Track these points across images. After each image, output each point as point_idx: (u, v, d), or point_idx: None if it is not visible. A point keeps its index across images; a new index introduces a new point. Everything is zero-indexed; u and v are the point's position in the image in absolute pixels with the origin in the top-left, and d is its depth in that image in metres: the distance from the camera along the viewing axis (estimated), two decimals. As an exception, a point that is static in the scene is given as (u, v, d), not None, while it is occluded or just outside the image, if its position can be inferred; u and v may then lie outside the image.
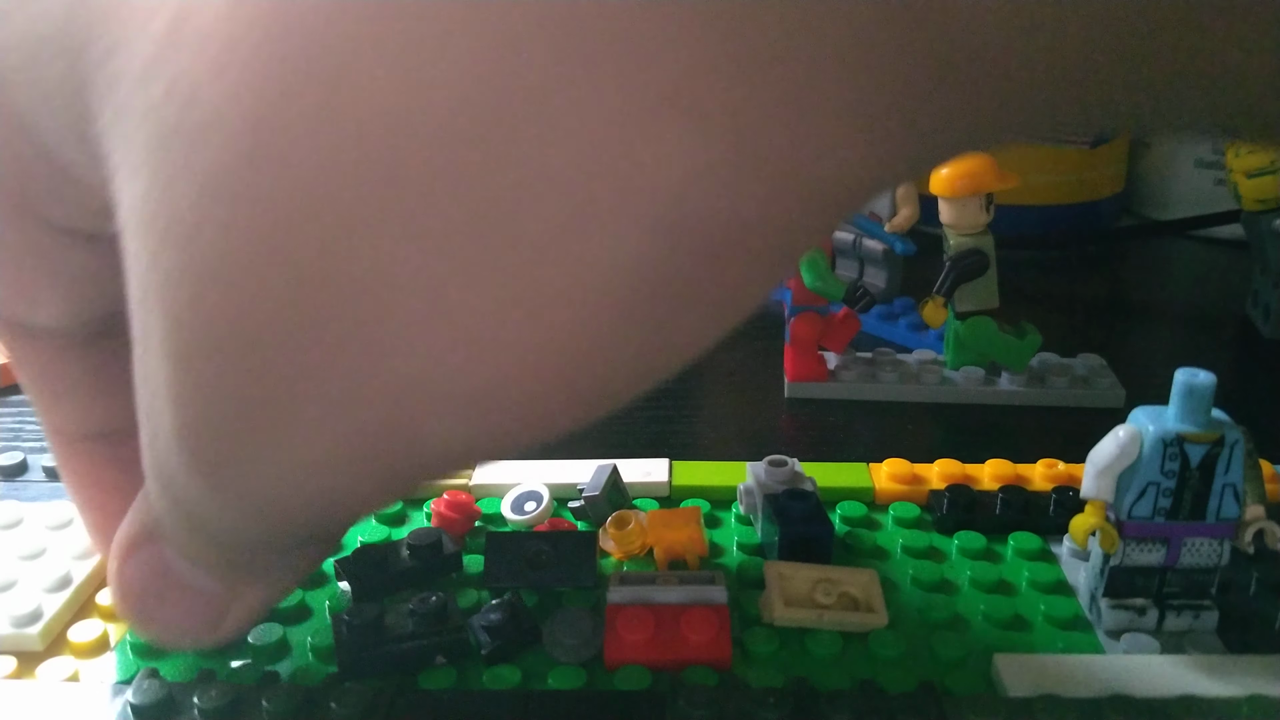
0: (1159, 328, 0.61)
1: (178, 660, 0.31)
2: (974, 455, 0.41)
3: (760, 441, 0.46)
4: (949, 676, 0.30)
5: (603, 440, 0.48)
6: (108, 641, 0.32)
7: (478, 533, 0.37)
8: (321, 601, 0.34)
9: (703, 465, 0.41)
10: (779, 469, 0.38)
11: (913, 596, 0.34)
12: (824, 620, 0.31)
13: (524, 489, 0.38)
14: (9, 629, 0.32)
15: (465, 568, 0.35)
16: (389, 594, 0.33)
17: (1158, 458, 0.30)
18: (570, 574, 0.34)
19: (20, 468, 0.42)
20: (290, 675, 0.30)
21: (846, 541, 0.37)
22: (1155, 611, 0.32)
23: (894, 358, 0.51)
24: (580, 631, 0.31)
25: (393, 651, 0.30)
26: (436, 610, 0.30)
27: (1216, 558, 0.31)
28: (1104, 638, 0.32)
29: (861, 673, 0.31)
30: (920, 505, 0.39)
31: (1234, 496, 0.30)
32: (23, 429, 0.48)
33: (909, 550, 0.36)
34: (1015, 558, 0.36)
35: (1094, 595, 0.33)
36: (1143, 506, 0.30)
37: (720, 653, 0.30)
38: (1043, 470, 0.40)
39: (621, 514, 0.36)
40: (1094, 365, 0.51)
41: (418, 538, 0.34)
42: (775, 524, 0.35)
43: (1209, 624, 0.32)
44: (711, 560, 0.36)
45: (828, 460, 0.41)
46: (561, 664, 0.31)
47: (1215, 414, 0.30)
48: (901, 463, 0.40)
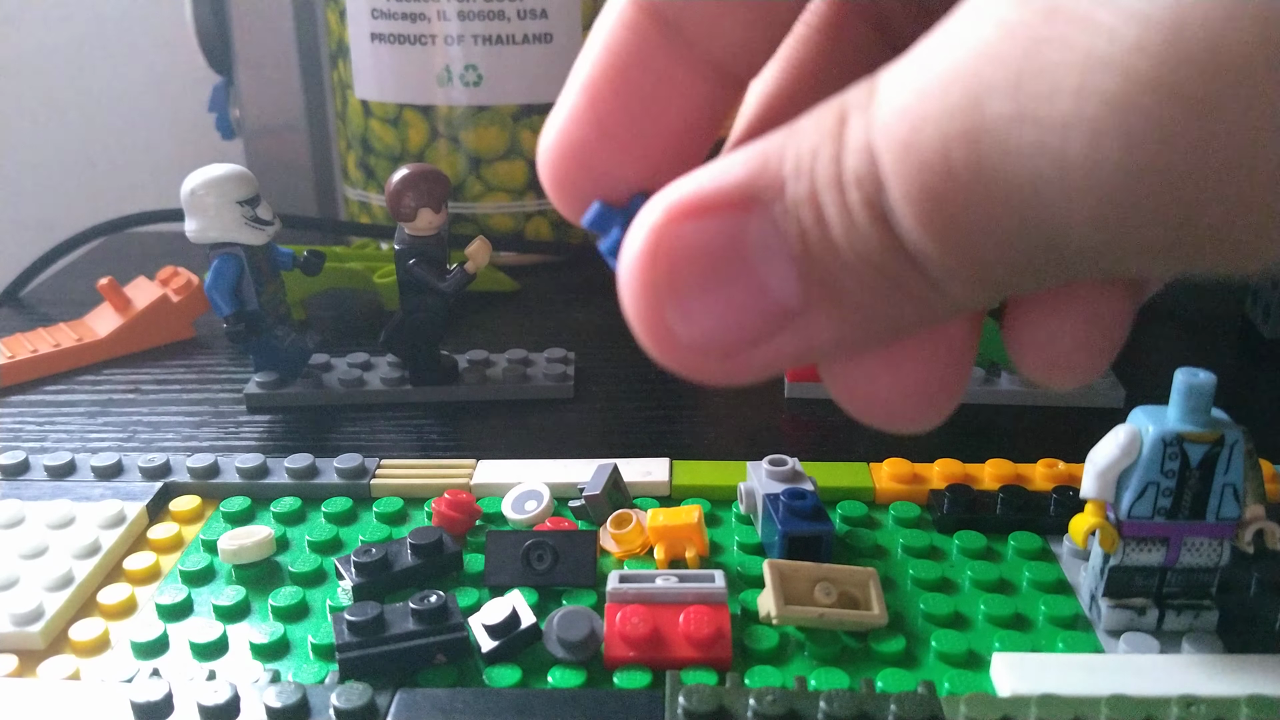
0: (1159, 328, 0.61)
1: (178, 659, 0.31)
2: (974, 455, 0.41)
3: (760, 441, 0.46)
4: (949, 676, 0.30)
5: (603, 440, 0.48)
6: (109, 640, 0.32)
7: (478, 532, 0.37)
8: (321, 601, 0.34)
9: (703, 465, 0.41)
10: (779, 469, 0.38)
11: (913, 596, 0.34)
12: (824, 619, 0.31)
13: (524, 488, 0.38)
14: (10, 627, 0.32)
15: (465, 567, 0.35)
16: (389, 593, 0.33)
17: (1158, 457, 0.30)
18: (570, 573, 0.34)
19: (21, 467, 0.42)
20: (290, 674, 0.31)
21: (846, 541, 0.37)
22: (1155, 611, 0.32)
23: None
24: (580, 631, 0.31)
25: (393, 651, 0.30)
26: (436, 610, 0.30)
27: (1216, 557, 0.31)
28: (1104, 637, 0.32)
29: (861, 672, 0.31)
30: (920, 505, 0.39)
31: (1234, 496, 0.30)
32: (23, 429, 0.48)
33: (909, 550, 0.36)
34: (1015, 557, 0.36)
35: (1094, 595, 0.33)
36: (1143, 506, 0.30)
37: (720, 652, 0.30)
38: (1043, 470, 0.40)
39: (622, 513, 0.36)
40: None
41: (418, 537, 0.34)
42: (775, 523, 0.35)
43: (1209, 624, 0.32)
44: (711, 559, 0.36)
45: (828, 460, 0.41)
46: (561, 663, 0.31)
47: (1215, 414, 0.30)
48: (902, 462, 0.40)
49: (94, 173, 1.00)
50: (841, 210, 0.13)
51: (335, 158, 0.75)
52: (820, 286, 0.14)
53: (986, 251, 0.13)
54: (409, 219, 0.47)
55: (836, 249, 0.14)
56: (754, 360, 0.15)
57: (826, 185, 0.13)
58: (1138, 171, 0.11)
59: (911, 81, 0.13)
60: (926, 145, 0.12)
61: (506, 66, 0.64)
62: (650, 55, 0.16)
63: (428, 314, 0.49)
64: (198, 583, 0.35)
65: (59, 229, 0.71)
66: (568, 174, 0.17)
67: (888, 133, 0.13)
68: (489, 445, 0.46)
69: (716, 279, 0.14)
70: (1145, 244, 0.12)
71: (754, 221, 0.14)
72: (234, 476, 0.40)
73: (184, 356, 0.56)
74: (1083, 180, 0.12)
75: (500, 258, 0.66)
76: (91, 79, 0.97)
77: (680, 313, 0.15)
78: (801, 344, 0.15)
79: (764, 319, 0.14)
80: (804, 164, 0.14)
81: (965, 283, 0.13)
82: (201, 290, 0.57)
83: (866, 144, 0.13)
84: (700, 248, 0.14)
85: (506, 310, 0.62)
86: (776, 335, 0.15)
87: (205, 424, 0.48)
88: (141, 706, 0.28)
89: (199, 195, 0.46)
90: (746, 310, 0.14)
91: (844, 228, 0.13)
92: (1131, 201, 0.12)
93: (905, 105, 0.13)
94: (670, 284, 0.15)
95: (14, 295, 0.66)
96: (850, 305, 0.14)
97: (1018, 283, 0.13)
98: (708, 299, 0.15)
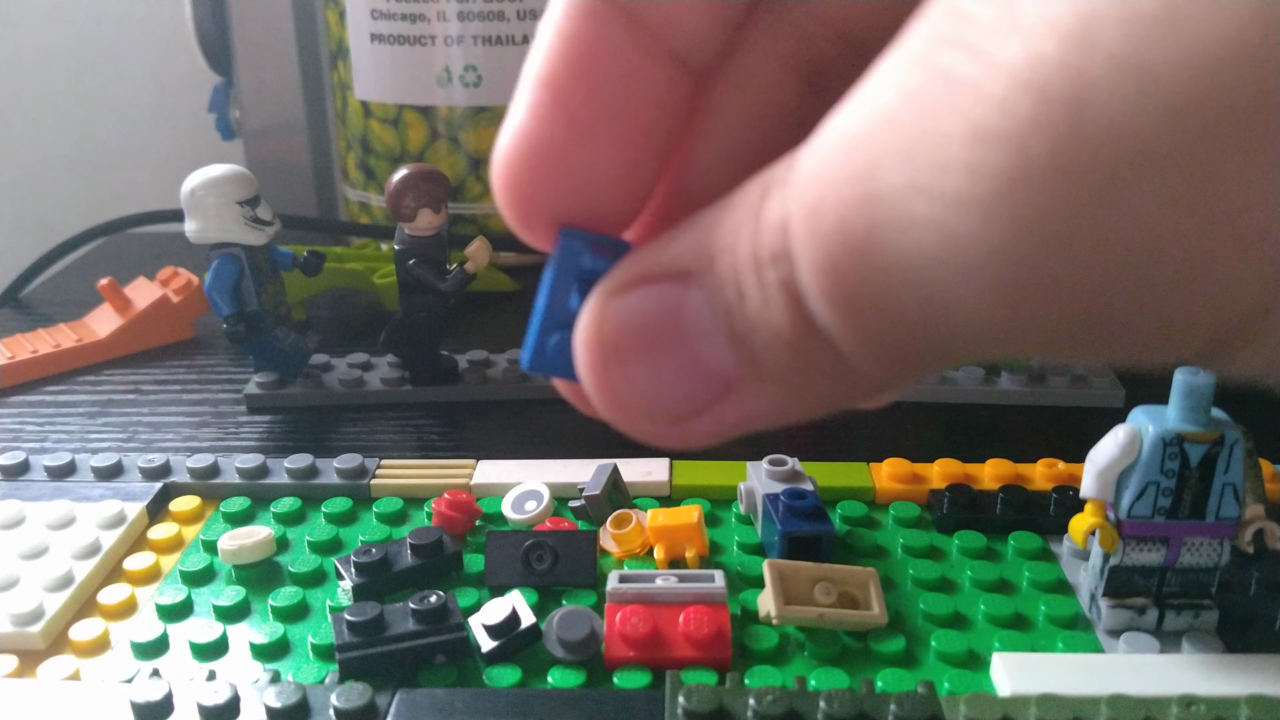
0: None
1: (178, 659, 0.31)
2: (974, 455, 0.41)
3: (760, 441, 0.46)
4: (949, 676, 0.30)
5: (603, 440, 0.48)
6: (109, 640, 0.32)
7: (478, 532, 0.37)
8: (322, 601, 0.34)
9: (703, 465, 0.41)
10: (779, 469, 0.38)
11: (913, 596, 0.34)
12: (824, 619, 0.31)
13: (524, 488, 0.38)
14: (10, 627, 0.32)
15: (465, 567, 0.35)
16: (389, 593, 0.33)
17: (1157, 457, 0.30)
18: (570, 573, 0.34)
19: (21, 467, 0.42)
20: (290, 674, 0.31)
21: (846, 541, 0.37)
22: (1155, 611, 0.32)
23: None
24: (580, 631, 0.31)
25: (393, 651, 0.30)
26: (436, 610, 0.30)
27: (1216, 557, 0.31)
28: (1104, 637, 0.32)
29: (861, 672, 0.31)
30: (920, 505, 0.39)
31: (1234, 496, 0.30)
32: (23, 429, 0.48)
33: (909, 549, 0.36)
34: (1015, 557, 0.36)
35: (1094, 595, 0.33)
36: (1142, 506, 0.30)
37: (720, 652, 0.30)
38: (1043, 470, 0.40)
39: (622, 513, 0.36)
40: (1094, 365, 0.51)
41: (419, 537, 0.34)
42: (775, 523, 0.35)
43: (1209, 624, 0.32)
44: (711, 559, 0.36)
45: (828, 460, 0.41)
46: (561, 663, 0.31)
47: (1215, 413, 0.30)
48: (902, 462, 0.40)
49: (94, 173, 1.00)
50: (758, 288, 0.13)
51: (335, 158, 0.75)
52: (749, 362, 0.14)
53: (886, 331, 0.12)
54: (409, 219, 0.47)
55: (755, 327, 0.14)
56: (701, 427, 0.15)
57: (746, 263, 0.14)
58: (1030, 256, 0.11)
59: (820, 147, 0.12)
60: (828, 212, 0.12)
61: (506, 67, 0.64)
62: (617, 45, 0.16)
63: (428, 314, 0.49)
64: (198, 583, 0.35)
65: (59, 229, 0.71)
66: (537, 176, 0.16)
67: (798, 200, 0.13)
68: (489, 445, 0.46)
69: (657, 348, 0.15)
70: (1043, 333, 0.11)
71: (691, 294, 0.14)
72: (234, 477, 0.40)
73: (184, 357, 0.56)
74: (973, 259, 0.11)
75: (500, 258, 0.66)
76: (91, 79, 0.97)
77: (624, 378, 0.15)
78: (743, 414, 0.15)
79: (704, 388, 0.15)
80: (728, 241, 0.14)
81: (875, 362, 0.13)
82: (201, 290, 0.57)
83: (781, 220, 0.13)
84: (640, 317, 0.15)
85: (506, 310, 0.62)
86: (717, 405, 0.15)
87: (205, 424, 0.48)
88: (141, 707, 0.28)
89: (199, 195, 0.46)
90: (687, 379, 0.15)
91: (759, 306, 0.14)
92: (1025, 288, 0.11)
93: (813, 172, 0.12)
94: (615, 351, 0.15)
95: (14, 296, 0.66)
96: (778, 380, 0.14)
97: (927, 362, 0.13)
98: (649, 366, 0.15)
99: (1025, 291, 0.11)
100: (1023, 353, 0.12)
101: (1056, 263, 0.11)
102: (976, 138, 0.11)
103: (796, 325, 0.13)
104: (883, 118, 0.12)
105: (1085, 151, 0.10)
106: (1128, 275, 0.10)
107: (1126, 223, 0.10)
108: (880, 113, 0.12)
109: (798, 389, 0.14)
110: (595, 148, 0.16)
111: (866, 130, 0.12)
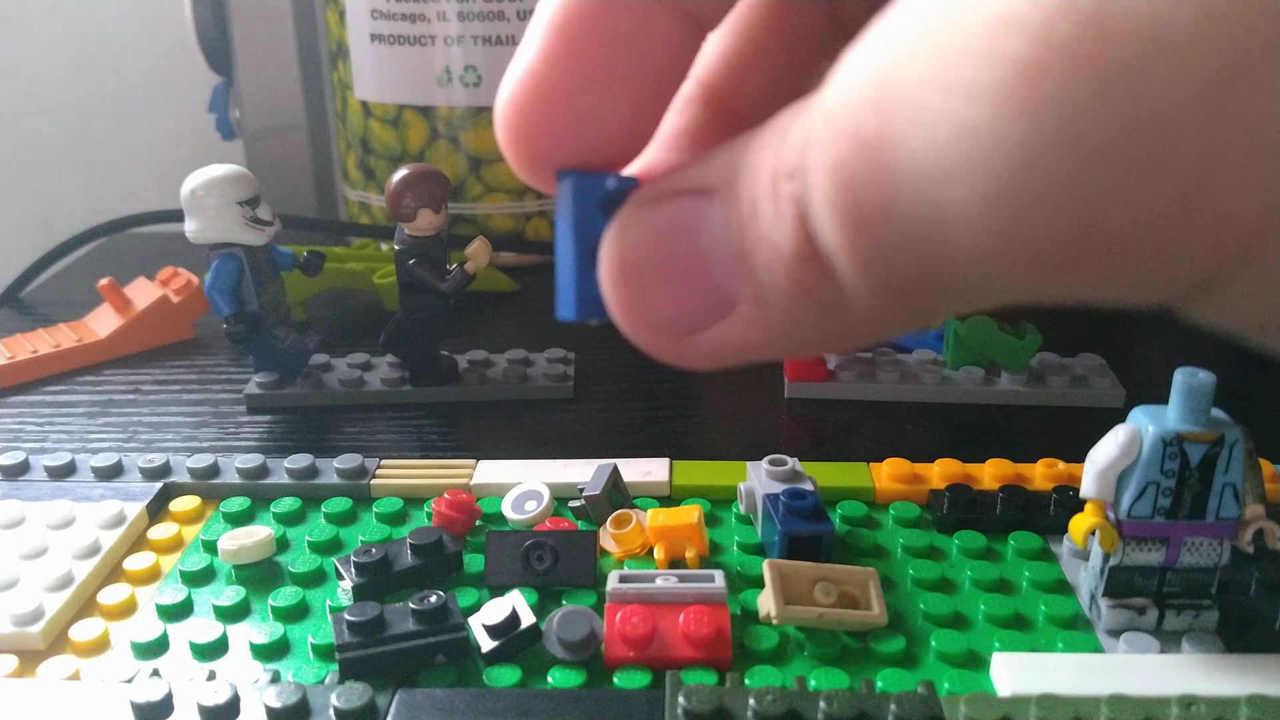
0: (1159, 327, 0.61)
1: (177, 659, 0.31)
2: (974, 455, 0.41)
3: (760, 441, 0.46)
4: (949, 676, 0.30)
5: (603, 440, 0.48)
6: (109, 640, 0.32)
7: (478, 532, 0.37)
8: (322, 601, 0.34)
9: (703, 465, 0.41)
10: (779, 469, 0.38)
11: (913, 596, 0.34)
12: (824, 619, 0.31)
13: (524, 488, 0.38)
14: (10, 628, 0.32)
15: (465, 567, 0.35)
16: (389, 593, 0.33)
17: (1157, 457, 0.30)
18: (570, 573, 0.34)
19: (21, 467, 0.42)
20: (290, 674, 0.31)
21: (846, 541, 0.37)
22: (1155, 611, 0.32)
23: (894, 358, 0.51)
24: (580, 631, 0.31)
25: (393, 651, 0.30)
26: (436, 610, 0.30)
27: (1216, 557, 0.31)
28: (1104, 637, 0.32)
29: (861, 672, 0.31)
30: (920, 505, 0.39)
31: (1233, 496, 0.30)
32: (23, 429, 0.48)
33: (909, 550, 0.36)
34: (1015, 557, 0.36)
35: (1094, 595, 0.33)
36: (1142, 506, 0.30)
37: (720, 652, 0.30)
38: (1043, 470, 0.40)
39: (621, 513, 0.36)
40: (1094, 365, 0.51)
41: (418, 537, 0.34)
42: (775, 523, 0.35)
43: (1209, 623, 0.32)
44: (711, 559, 0.36)
45: (828, 460, 0.41)
46: (561, 663, 0.31)
47: (1215, 413, 0.30)
48: (902, 462, 0.40)
49: (94, 173, 1.00)
50: (771, 203, 0.13)
51: (335, 158, 0.75)
52: (750, 283, 0.14)
53: (883, 250, 0.12)
54: (409, 219, 0.47)
55: (759, 246, 0.14)
56: (699, 347, 0.15)
57: (764, 179, 0.14)
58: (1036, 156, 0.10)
59: (845, 63, 0.12)
60: (844, 114, 0.12)
61: (506, 67, 0.63)
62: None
63: (428, 314, 0.49)
64: (198, 583, 0.35)
65: (59, 229, 0.71)
66: (544, 117, 0.16)
67: (820, 111, 0.13)
68: (489, 445, 0.46)
69: (672, 260, 0.15)
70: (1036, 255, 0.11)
71: (713, 210, 0.15)
72: (234, 477, 0.40)
73: (184, 357, 0.56)
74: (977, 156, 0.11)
75: (500, 258, 0.66)
76: (91, 79, 0.97)
77: (639, 288, 0.15)
78: (737, 338, 0.15)
79: (707, 305, 0.15)
80: (753, 159, 0.14)
81: (870, 289, 0.13)
82: (201, 291, 0.57)
83: (804, 135, 0.13)
84: (661, 229, 0.15)
85: (506, 310, 0.62)
86: (715, 325, 0.15)
87: (205, 424, 0.48)
88: (141, 707, 0.28)
89: (199, 196, 0.46)
90: (694, 294, 0.15)
91: (768, 224, 0.14)
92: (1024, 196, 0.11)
93: (836, 84, 0.12)
94: (635, 260, 0.15)
95: (14, 296, 0.66)
96: (775, 306, 0.14)
97: (922, 296, 0.13)
98: (662, 277, 0.15)
99: (1024, 201, 0.11)
100: (1014, 289, 0.12)
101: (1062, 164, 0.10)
102: (998, 25, 0.10)
103: (798, 245, 0.13)
104: (905, 21, 0.12)
105: (1110, 42, 0.10)
106: (1132, 183, 0.10)
107: (1141, 123, 0.10)
108: (903, 18, 0.12)
109: (793, 319, 0.14)
110: (604, 95, 0.16)
111: (889, 37, 0.12)
